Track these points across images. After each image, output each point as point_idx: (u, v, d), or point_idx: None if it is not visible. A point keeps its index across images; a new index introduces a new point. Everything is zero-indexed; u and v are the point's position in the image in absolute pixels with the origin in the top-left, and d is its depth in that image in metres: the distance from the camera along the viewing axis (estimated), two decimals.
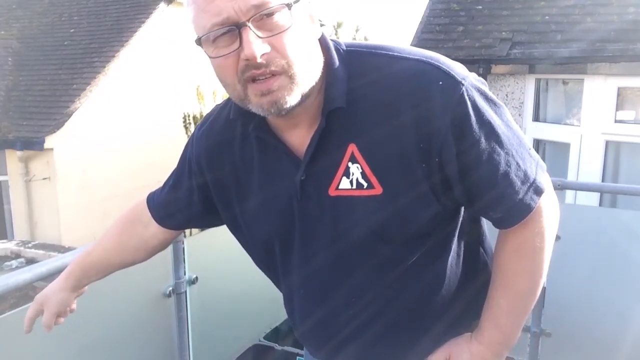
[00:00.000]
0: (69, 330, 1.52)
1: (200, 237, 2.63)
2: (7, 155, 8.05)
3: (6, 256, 6.33)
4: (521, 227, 0.91)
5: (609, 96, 4.43)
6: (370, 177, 0.88)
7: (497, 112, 0.88)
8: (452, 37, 5.14)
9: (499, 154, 0.86)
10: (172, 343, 1.86)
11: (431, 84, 0.84)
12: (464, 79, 0.85)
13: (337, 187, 0.90)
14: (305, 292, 1.02)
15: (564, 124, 4.85)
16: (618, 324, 2.08)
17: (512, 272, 0.95)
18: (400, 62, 0.87)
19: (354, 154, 0.88)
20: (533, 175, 0.89)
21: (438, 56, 0.89)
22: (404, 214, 0.88)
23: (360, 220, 0.90)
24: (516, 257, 0.94)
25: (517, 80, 4.86)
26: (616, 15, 4.56)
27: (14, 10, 10.29)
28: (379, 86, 0.87)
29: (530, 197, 0.89)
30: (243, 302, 2.20)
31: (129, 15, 9.09)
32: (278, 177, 0.94)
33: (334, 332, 1.01)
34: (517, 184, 0.88)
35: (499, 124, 0.86)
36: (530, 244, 0.92)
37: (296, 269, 1.00)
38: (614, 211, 2.82)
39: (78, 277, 1.26)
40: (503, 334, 0.97)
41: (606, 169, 4.55)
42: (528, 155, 0.89)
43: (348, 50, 0.91)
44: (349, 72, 0.89)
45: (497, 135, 0.86)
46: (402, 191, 0.87)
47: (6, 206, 8.32)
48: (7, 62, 8.94)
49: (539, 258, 0.93)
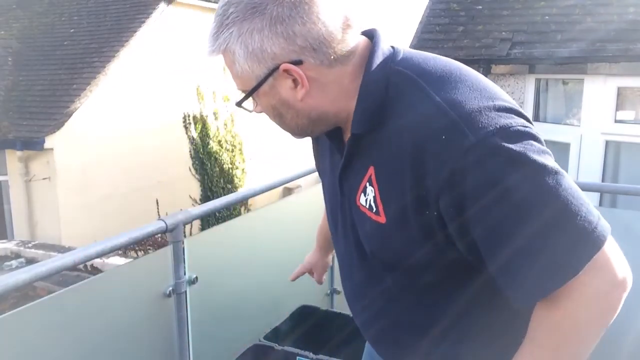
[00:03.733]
0: (69, 330, 1.52)
1: (200, 237, 2.63)
2: (7, 155, 8.04)
3: (6, 256, 6.33)
4: (549, 304, 0.80)
5: (608, 96, 4.43)
6: (379, 204, 0.91)
7: (531, 178, 0.76)
8: (452, 37, 5.14)
9: (514, 226, 0.76)
10: (172, 343, 1.86)
11: (434, 134, 0.80)
12: (478, 134, 0.77)
13: (359, 200, 0.96)
14: (341, 265, 1.14)
15: (564, 124, 4.86)
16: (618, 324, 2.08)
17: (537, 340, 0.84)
18: (423, 103, 0.84)
19: (372, 177, 0.92)
20: (565, 254, 0.76)
21: (464, 100, 0.81)
22: (399, 248, 0.91)
23: (366, 238, 0.97)
24: (542, 329, 0.83)
25: (517, 80, 4.86)
26: (616, 15, 4.56)
27: (14, 10, 10.29)
28: (401, 121, 0.86)
29: (551, 279, 0.77)
30: (243, 302, 2.20)
31: (129, 15, 9.09)
32: (335, 167, 1.04)
33: (357, 310, 1.13)
34: (532, 263, 0.77)
35: (521, 189, 0.75)
36: (558, 324, 0.81)
37: (339, 240, 1.11)
38: (614, 211, 2.82)
39: (323, 245, 1.59)
40: None
41: (606, 169, 4.55)
42: (572, 227, 0.75)
43: (397, 67, 0.90)
44: (385, 93, 0.88)
45: (513, 203, 0.75)
46: (399, 228, 0.89)
47: (6, 206, 8.32)
48: (7, 62, 8.94)
49: (570, 339, 0.82)
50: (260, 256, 2.25)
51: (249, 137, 10.86)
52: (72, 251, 1.50)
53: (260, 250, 2.24)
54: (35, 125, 7.80)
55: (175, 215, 1.79)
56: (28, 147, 7.69)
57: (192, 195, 9.88)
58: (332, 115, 0.94)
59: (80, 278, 2.73)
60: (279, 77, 0.88)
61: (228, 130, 10.63)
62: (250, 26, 0.84)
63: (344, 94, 0.91)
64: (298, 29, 0.84)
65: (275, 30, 0.84)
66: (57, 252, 5.92)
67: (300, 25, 0.83)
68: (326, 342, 2.07)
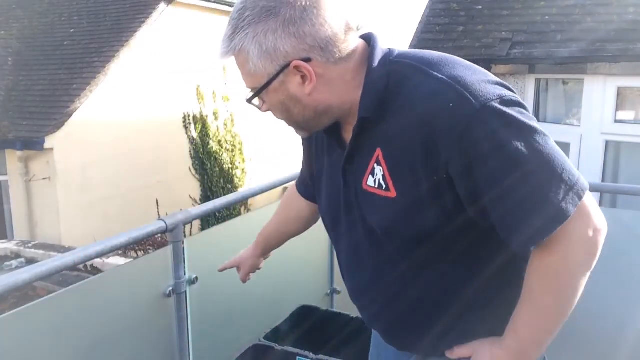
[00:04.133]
0: (69, 330, 1.52)
1: (200, 237, 2.63)
2: (7, 155, 8.04)
3: (6, 256, 6.32)
4: (544, 248, 0.92)
5: (608, 96, 4.43)
6: (388, 181, 1.00)
7: (523, 135, 0.89)
8: (452, 37, 5.14)
9: (512, 178, 0.88)
10: (172, 343, 1.86)
11: (442, 105, 0.91)
12: (480, 101, 0.89)
13: (366, 183, 1.04)
14: (346, 260, 1.20)
15: (564, 124, 4.85)
16: (618, 324, 2.08)
17: (534, 288, 0.97)
18: (427, 81, 0.95)
19: (379, 158, 1.01)
20: (557, 201, 0.88)
21: (464, 75, 0.94)
22: (412, 218, 0.99)
23: (377, 216, 1.04)
24: (538, 275, 0.96)
25: (517, 80, 4.86)
26: (616, 15, 4.56)
27: (14, 10, 10.29)
28: (405, 101, 0.97)
29: (546, 224, 0.89)
30: (243, 302, 2.20)
31: (129, 15, 9.08)
32: (335, 163, 1.13)
33: (366, 304, 1.19)
34: (530, 210, 0.89)
35: (518, 147, 0.87)
36: (553, 266, 0.93)
37: (341, 238, 1.18)
38: (614, 211, 2.82)
39: (262, 246, 1.60)
40: (521, 345, 1.01)
41: (606, 169, 4.55)
42: (557, 180, 0.88)
43: (395, 60, 1.02)
44: (387, 82, 1.00)
45: (512, 158, 0.87)
46: (411, 199, 0.98)
47: (6, 206, 8.32)
48: (7, 62, 8.94)
49: (565, 281, 0.94)
50: None
51: (249, 137, 10.86)
52: (72, 251, 1.50)
53: None
54: (35, 125, 7.80)
55: (175, 215, 1.79)
56: (28, 147, 7.68)
57: (192, 195, 9.88)
58: (336, 107, 1.03)
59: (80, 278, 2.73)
60: (289, 73, 0.98)
61: (228, 130, 10.63)
62: (265, 27, 0.94)
63: (347, 87, 1.02)
64: (308, 29, 0.95)
65: (288, 31, 0.94)
66: (57, 252, 5.92)
67: (310, 26, 0.94)
68: (326, 342, 2.07)
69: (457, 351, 1.10)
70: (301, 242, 1.66)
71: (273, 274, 2.31)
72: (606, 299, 2.10)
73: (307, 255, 2.60)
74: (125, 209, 8.41)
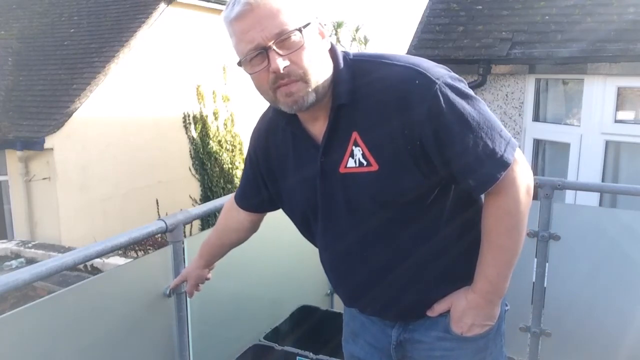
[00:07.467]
0: (69, 330, 1.52)
1: (200, 237, 2.62)
2: (7, 155, 8.04)
3: (6, 256, 6.33)
4: (496, 194, 1.14)
5: (608, 96, 4.42)
6: (369, 157, 1.14)
7: (470, 103, 1.11)
8: (452, 37, 5.13)
9: (469, 136, 1.09)
10: (172, 343, 1.86)
11: (411, 83, 1.10)
12: (438, 79, 1.09)
13: (345, 166, 1.16)
14: (331, 251, 1.29)
15: (564, 124, 4.85)
16: (618, 324, 2.08)
17: (493, 231, 1.17)
18: (391, 67, 1.14)
19: (357, 139, 1.15)
20: (500, 152, 1.11)
21: (420, 61, 1.15)
22: (395, 184, 1.13)
23: (363, 191, 1.16)
24: (495, 218, 1.16)
25: (517, 80, 4.86)
26: (616, 15, 4.56)
27: (14, 10, 10.29)
28: (375, 86, 1.13)
29: (497, 169, 1.11)
30: (243, 302, 2.20)
31: (129, 15, 9.08)
32: (306, 160, 1.23)
33: (354, 283, 1.28)
34: (484, 159, 1.10)
35: (470, 112, 1.09)
36: (505, 207, 1.15)
37: (322, 232, 1.27)
38: (614, 211, 2.82)
39: (206, 257, 1.64)
40: (491, 284, 1.20)
41: (606, 169, 4.54)
42: (498, 137, 1.11)
43: (354, 58, 1.19)
44: (352, 75, 1.16)
45: (467, 121, 1.09)
46: (393, 167, 1.13)
47: (6, 206, 8.32)
48: (7, 62, 8.94)
49: (515, 218, 1.15)
50: (260, 256, 2.25)
51: (249, 137, 10.84)
52: (72, 251, 1.50)
53: (260, 250, 2.24)
54: (35, 125, 7.80)
55: (175, 215, 1.79)
56: (28, 147, 7.69)
57: (192, 195, 9.88)
58: (329, 81, 1.14)
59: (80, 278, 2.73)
60: (314, 26, 1.13)
61: (228, 130, 10.63)
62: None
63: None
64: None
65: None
66: (57, 252, 5.93)
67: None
68: (326, 342, 2.07)
69: (436, 308, 1.25)
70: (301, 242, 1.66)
71: (273, 274, 2.31)
72: (606, 299, 2.10)
73: (307, 256, 2.60)
74: (125, 209, 8.41)
